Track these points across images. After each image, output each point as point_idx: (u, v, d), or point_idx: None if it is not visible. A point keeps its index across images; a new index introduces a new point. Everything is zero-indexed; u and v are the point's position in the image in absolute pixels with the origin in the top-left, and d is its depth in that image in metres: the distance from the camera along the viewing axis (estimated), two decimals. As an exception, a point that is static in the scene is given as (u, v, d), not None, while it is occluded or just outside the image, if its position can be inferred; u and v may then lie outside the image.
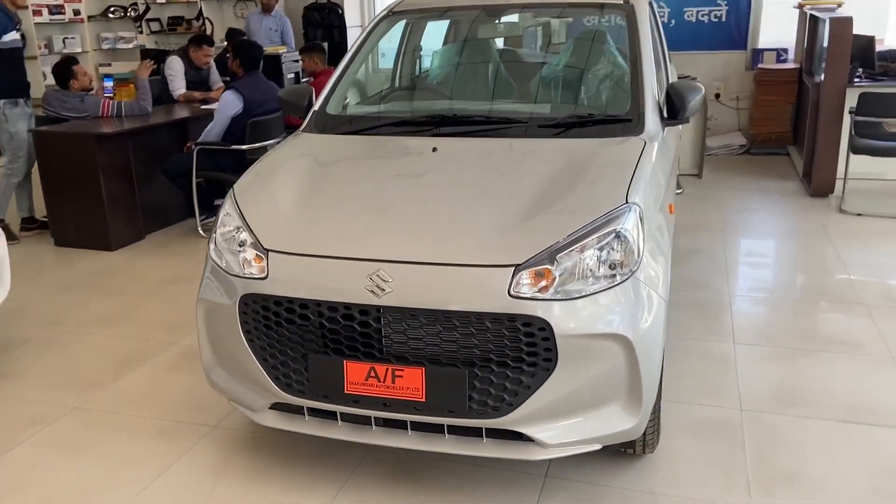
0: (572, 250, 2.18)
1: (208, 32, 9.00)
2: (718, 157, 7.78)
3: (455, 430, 2.31)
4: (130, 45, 9.83)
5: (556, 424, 2.24)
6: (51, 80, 6.07)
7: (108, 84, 6.10)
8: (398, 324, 2.21)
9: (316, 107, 3.20)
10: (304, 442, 2.71)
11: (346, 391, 2.30)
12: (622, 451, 2.61)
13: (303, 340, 2.32)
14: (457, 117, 3.00)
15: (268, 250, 2.34)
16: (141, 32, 9.80)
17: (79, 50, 9.25)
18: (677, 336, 3.61)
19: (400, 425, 2.34)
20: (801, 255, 4.82)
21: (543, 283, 2.14)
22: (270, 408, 2.47)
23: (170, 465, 2.69)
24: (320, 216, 2.44)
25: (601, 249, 2.21)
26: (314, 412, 2.42)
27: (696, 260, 4.69)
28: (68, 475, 2.64)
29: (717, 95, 8.07)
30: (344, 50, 6.89)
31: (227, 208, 2.56)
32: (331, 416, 2.40)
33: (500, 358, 2.18)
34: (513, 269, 2.14)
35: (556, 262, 2.16)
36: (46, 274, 4.75)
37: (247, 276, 2.36)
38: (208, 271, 2.51)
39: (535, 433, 2.24)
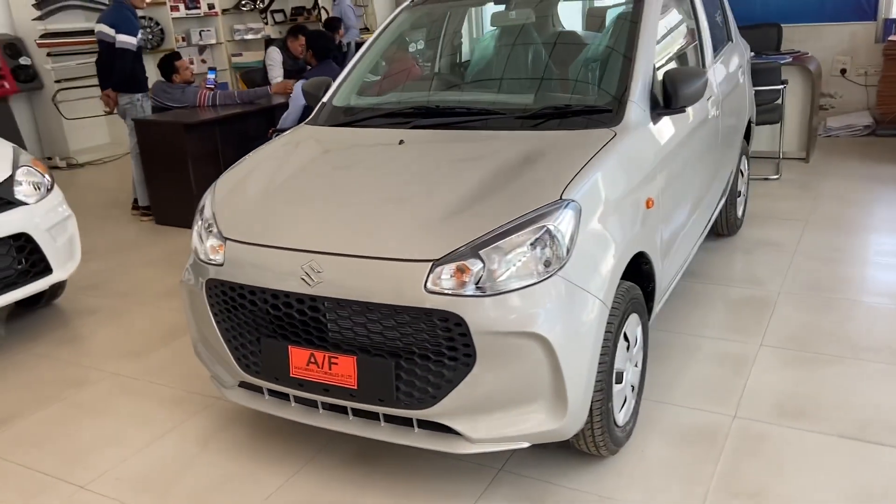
0: (496, 246, 2.16)
1: (323, 21, 9.41)
2: (840, 138, 7.13)
3: (391, 419, 2.38)
4: (258, 36, 10.50)
5: (480, 419, 2.25)
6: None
7: (211, 76, 6.59)
8: (332, 313, 2.31)
9: (325, 98, 3.34)
10: (284, 420, 2.88)
11: (291, 375, 2.44)
12: (586, 452, 2.55)
13: (256, 324, 2.48)
14: (438, 109, 3.02)
15: (226, 238, 2.52)
16: (266, 23, 10.43)
17: (213, 41, 10.00)
18: (697, 333, 3.43)
19: (343, 410, 2.45)
20: (889, 257, 4.33)
21: (462, 278, 2.14)
22: (239, 385, 2.67)
23: (168, 430, 2.96)
24: (274, 207, 2.57)
25: (526, 246, 2.17)
26: (273, 392, 2.58)
27: (760, 253, 4.39)
28: (82, 434, 2.99)
29: (843, 71, 7.37)
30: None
31: (204, 197, 2.77)
32: (286, 397, 2.55)
33: (422, 351, 2.22)
34: (430, 264, 2.16)
35: (478, 258, 2.15)
36: (137, 251, 5.27)
37: (211, 262, 2.55)
38: (191, 256, 2.73)
39: (460, 427, 2.26)
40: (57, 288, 4.20)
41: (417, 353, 2.22)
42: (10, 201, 3.68)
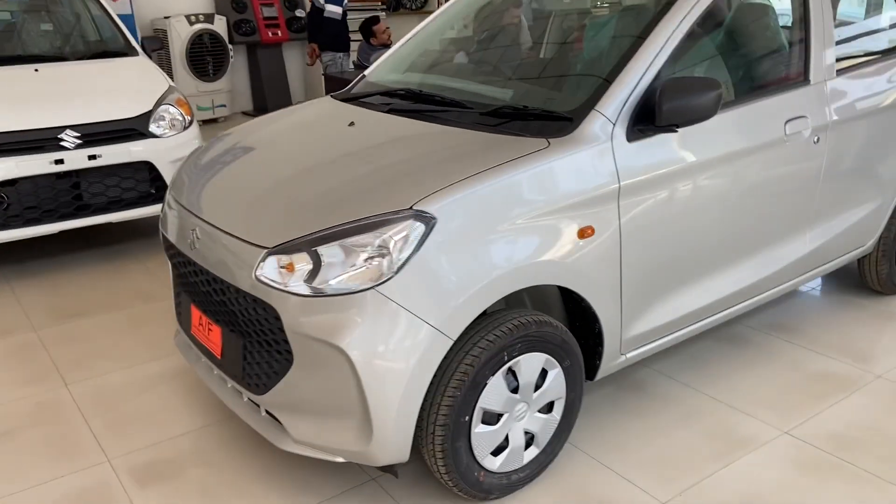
0: (328, 245, 2.03)
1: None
2: None
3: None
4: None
5: (302, 420, 2.18)
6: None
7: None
8: (205, 279, 2.37)
9: (367, 72, 3.33)
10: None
11: (191, 331, 2.58)
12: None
13: (178, 279, 2.65)
14: (413, 94, 2.83)
15: (171, 198, 2.70)
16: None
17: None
18: (720, 397, 2.85)
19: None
20: None
21: (290, 271, 2.06)
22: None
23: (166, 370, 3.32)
24: (205, 171, 2.66)
25: (353, 251, 2.01)
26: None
27: (901, 325, 3.43)
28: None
29: None
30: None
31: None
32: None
33: (259, 337, 2.20)
34: (264, 251, 2.11)
35: (307, 254, 2.04)
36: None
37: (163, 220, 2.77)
38: None
39: (285, 422, 2.22)
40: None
41: (257, 338, 2.21)
42: (143, 133, 4.30)
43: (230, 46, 8.75)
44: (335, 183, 2.25)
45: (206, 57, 8.53)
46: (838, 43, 2.98)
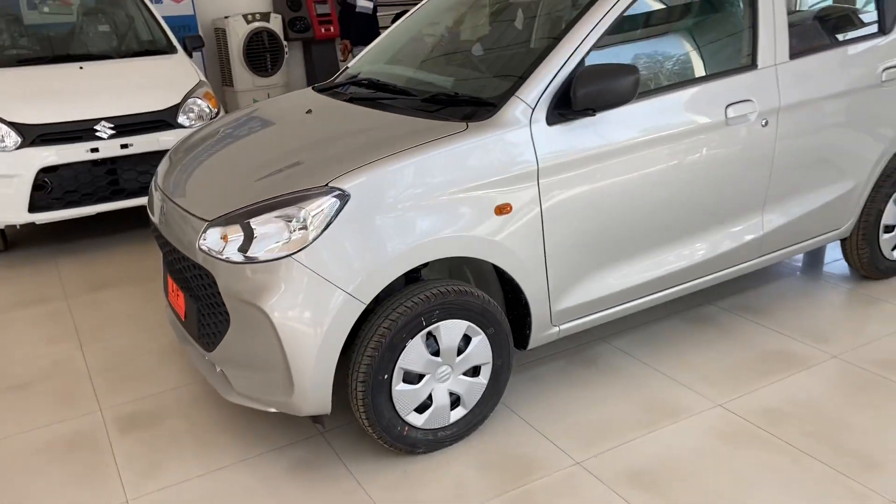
0: (259, 217, 2.28)
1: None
2: None
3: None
4: None
5: (242, 374, 2.45)
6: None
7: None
8: (171, 250, 2.68)
9: (349, 64, 3.58)
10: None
11: (168, 298, 2.90)
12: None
13: (163, 255, 2.97)
14: (372, 83, 3.05)
15: (154, 180, 3.03)
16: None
17: None
18: (666, 371, 2.95)
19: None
20: None
21: (224, 241, 2.33)
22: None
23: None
24: (183, 157, 2.96)
25: (277, 223, 2.25)
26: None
27: (875, 308, 3.43)
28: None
29: None
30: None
31: None
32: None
33: (206, 300, 2.48)
34: (206, 223, 2.38)
35: (239, 225, 2.30)
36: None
37: (156, 194, 3.10)
38: None
39: (229, 375, 2.50)
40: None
41: (206, 301, 2.50)
42: (171, 124, 4.70)
43: (285, 43, 9.18)
44: (277, 164, 2.50)
45: (263, 53, 9.00)
46: (791, 27, 3.01)
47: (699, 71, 2.89)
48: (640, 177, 2.70)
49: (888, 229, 3.54)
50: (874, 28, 3.31)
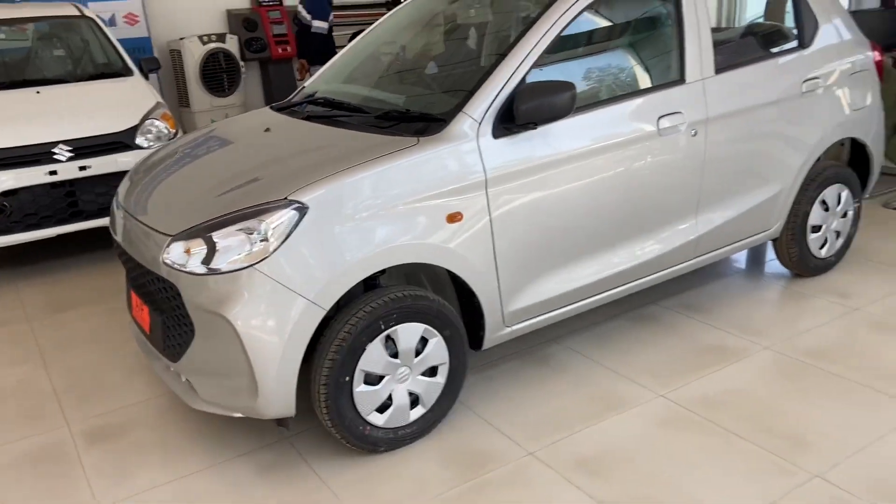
0: (221, 231, 2.40)
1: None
2: None
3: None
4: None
5: (207, 382, 2.56)
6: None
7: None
8: (133, 266, 2.78)
9: (305, 84, 3.72)
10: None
11: (132, 314, 2.99)
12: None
13: (125, 272, 3.06)
14: (328, 101, 3.20)
15: (115, 199, 3.12)
16: None
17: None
18: (609, 365, 3.13)
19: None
20: None
21: (187, 255, 2.44)
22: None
23: (132, 340, 3.74)
24: (143, 176, 3.07)
25: (239, 236, 2.37)
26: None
27: (808, 302, 3.67)
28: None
29: None
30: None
31: None
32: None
33: (171, 312, 2.59)
34: (169, 238, 2.50)
35: (202, 239, 2.42)
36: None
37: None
38: None
39: (195, 384, 2.60)
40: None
41: (171, 314, 2.60)
42: (129, 145, 4.77)
43: (242, 63, 9.28)
44: (237, 180, 2.63)
45: (219, 74, 9.08)
46: (717, 45, 3.25)
47: (633, 86, 3.10)
48: (581, 184, 2.89)
49: (815, 229, 3.80)
50: (795, 43, 3.58)
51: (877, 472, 2.44)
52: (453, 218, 2.61)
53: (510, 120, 2.69)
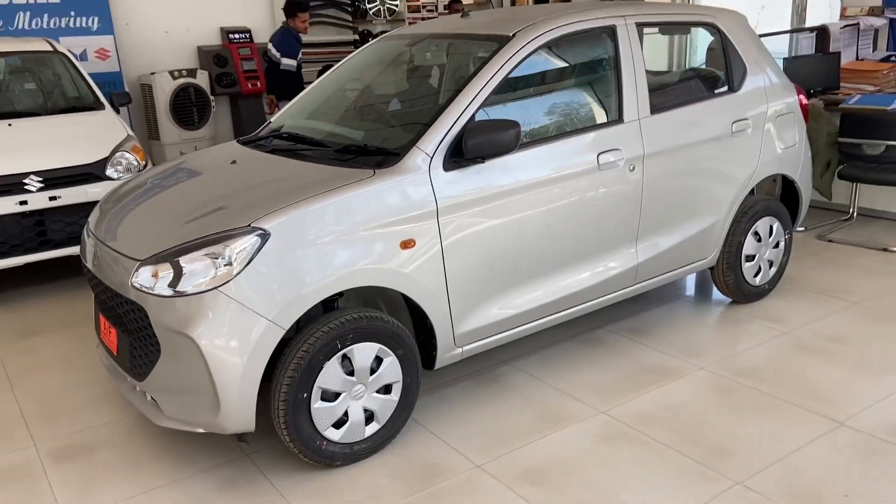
0: (185, 256, 2.58)
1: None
2: None
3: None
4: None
5: (172, 399, 2.71)
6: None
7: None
8: (103, 290, 2.93)
9: (272, 119, 3.93)
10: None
11: (100, 336, 3.13)
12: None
13: (94, 296, 3.20)
14: (292, 136, 3.42)
15: (86, 227, 3.28)
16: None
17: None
18: (553, 383, 3.33)
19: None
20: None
21: (155, 278, 2.61)
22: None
23: (99, 364, 3.85)
24: (113, 205, 3.23)
25: (204, 260, 2.55)
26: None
27: (743, 326, 3.92)
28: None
29: None
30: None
31: None
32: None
33: (138, 333, 2.74)
34: (137, 262, 2.66)
35: (169, 263, 2.59)
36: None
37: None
38: None
39: (160, 401, 2.74)
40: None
41: (137, 335, 2.75)
42: (99, 177, 4.92)
43: (212, 98, 9.47)
44: (203, 208, 2.81)
45: (190, 108, 9.26)
46: (655, 88, 3.54)
47: (575, 124, 3.36)
48: (528, 215, 3.12)
49: (749, 258, 4.07)
50: (726, 87, 3.89)
51: (792, 480, 2.66)
52: (407, 244, 2.81)
53: (460, 154, 2.92)
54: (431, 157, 2.88)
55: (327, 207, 2.68)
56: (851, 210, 5.66)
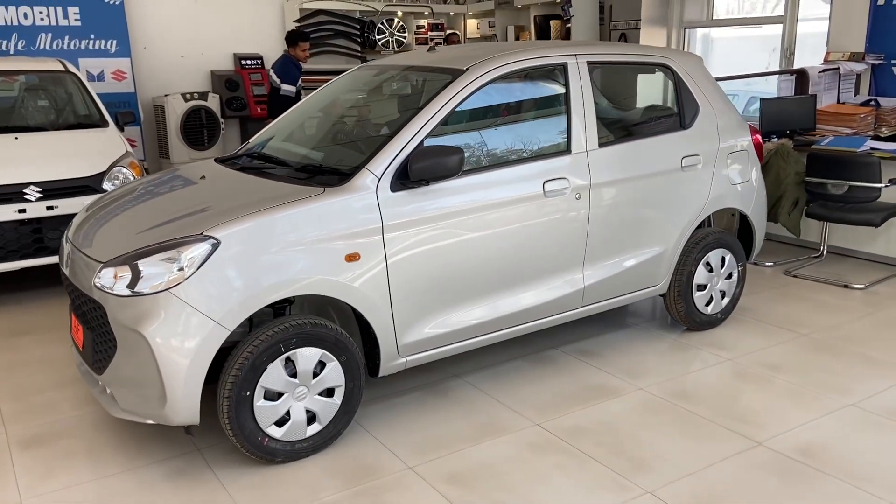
0: (145, 260, 2.82)
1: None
2: None
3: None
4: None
5: (126, 392, 2.93)
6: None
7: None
8: (73, 290, 3.18)
9: (251, 140, 4.20)
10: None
11: (71, 334, 3.37)
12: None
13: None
14: (261, 156, 3.68)
15: (65, 234, 3.55)
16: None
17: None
18: (499, 397, 3.51)
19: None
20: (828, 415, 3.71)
21: (115, 279, 2.85)
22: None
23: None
24: (91, 214, 3.50)
25: (159, 264, 2.79)
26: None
27: (688, 353, 4.08)
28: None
29: None
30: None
31: None
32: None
33: (98, 329, 2.98)
34: (101, 264, 2.91)
35: (127, 266, 2.83)
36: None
37: (69, 245, 3.61)
38: None
39: (115, 394, 2.97)
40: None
41: (98, 331, 2.99)
42: (96, 189, 5.21)
43: (222, 120, 9.85)
44: (164, 218, 3.06)
45: (200, 129, 9.65)
46: (607, 123, 3.76)
47: (523, 154, 3.58)
48: (471, 236, 3.33)
49: (700, 288, 4.24)
50: (677, 124, 4.10)
51: (700, 491, 2.82)
52: (351, 258, 3.04)
53: (406, 177, 3.15)
54: (379, 179, 3.12)
55: (276, 220, 2.92)
56: (822, 248, 5.81)
